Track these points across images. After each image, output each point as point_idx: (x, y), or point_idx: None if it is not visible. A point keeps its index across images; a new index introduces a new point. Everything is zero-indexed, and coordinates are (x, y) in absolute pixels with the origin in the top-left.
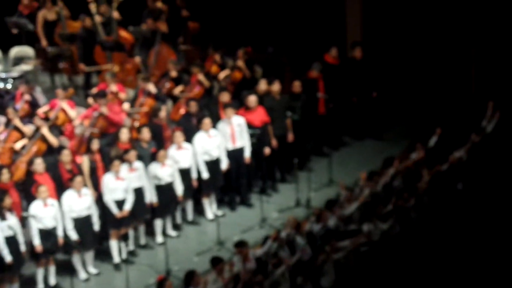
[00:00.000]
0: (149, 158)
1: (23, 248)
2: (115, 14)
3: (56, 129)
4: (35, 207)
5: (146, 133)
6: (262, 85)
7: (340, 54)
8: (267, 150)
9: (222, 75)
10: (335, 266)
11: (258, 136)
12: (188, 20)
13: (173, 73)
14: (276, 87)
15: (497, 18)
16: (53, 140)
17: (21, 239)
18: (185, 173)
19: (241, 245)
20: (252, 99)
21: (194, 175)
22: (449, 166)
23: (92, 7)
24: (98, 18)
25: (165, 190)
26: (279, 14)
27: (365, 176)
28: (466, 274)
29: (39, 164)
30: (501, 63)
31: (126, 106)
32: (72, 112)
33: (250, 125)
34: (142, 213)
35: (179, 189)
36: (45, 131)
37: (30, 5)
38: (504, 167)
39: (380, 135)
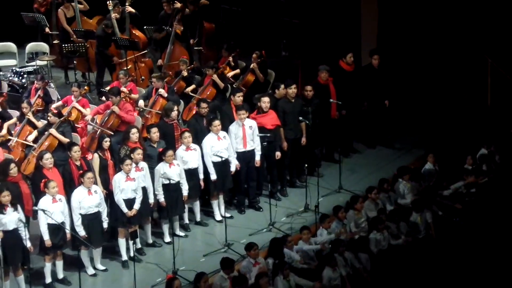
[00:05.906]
0: (157, 157)
1: (28, 243)
2: (129, 9)
3: (70, 124)
4: (44, 202)
5: (155, 133)
6: (282, 89)
7: (355, 61)
8: (278, 154)
9: (231, 74)
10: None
11: (270, 140)
12: (204, 21)
13: (184, 73)
14: (292, 90)
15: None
16: (62, 138)
17: (24, 234)
18: (192, 174)
19: (251, 248)
20: (265, 101)
21: (201, 175)
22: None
23: (110, 4)
24: (114, 16)
25: (172, 190)
26: (294, 18)
27: None
28: None
29: (47, 159)
30: None
31: (141, 103)
32: (85, 110)
33: (262, 129)
34: (147, 213)
35: (185, 189)
36: (53, 131)
37: (45, 2)
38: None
39: (391, 144)
